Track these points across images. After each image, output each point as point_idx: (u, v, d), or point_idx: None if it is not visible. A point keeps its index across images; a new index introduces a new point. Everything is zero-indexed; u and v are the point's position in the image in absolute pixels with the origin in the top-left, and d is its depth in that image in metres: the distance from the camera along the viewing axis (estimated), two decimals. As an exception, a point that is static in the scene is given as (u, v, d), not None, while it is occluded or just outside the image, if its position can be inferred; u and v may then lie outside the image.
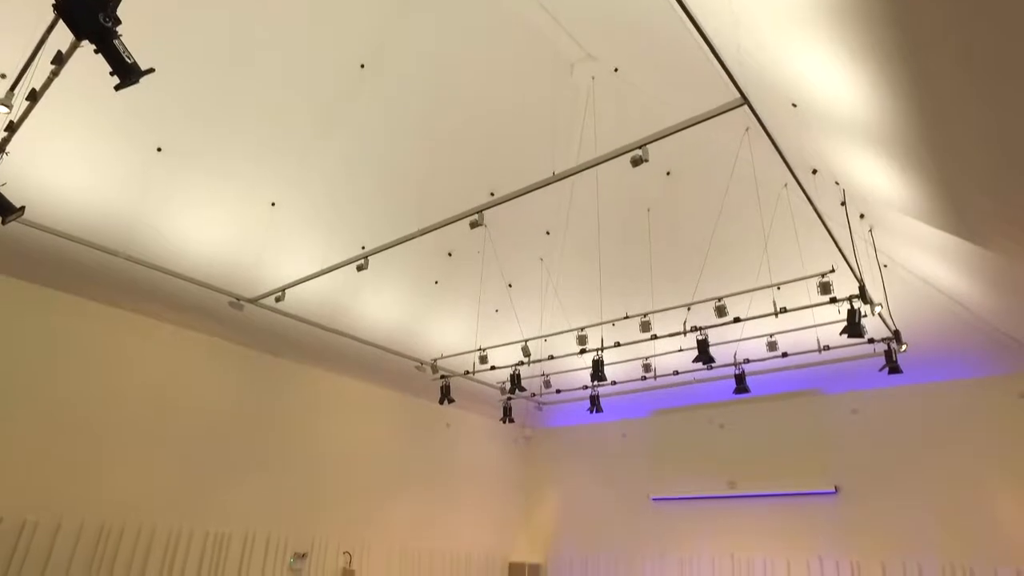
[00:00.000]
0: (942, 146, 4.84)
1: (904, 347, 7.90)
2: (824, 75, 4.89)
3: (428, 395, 11.39)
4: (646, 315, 8.84)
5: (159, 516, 8.58)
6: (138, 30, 4.30)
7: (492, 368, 9.88)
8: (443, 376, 10.33)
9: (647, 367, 10.14)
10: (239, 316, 9.04)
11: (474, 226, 6.79)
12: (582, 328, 9.37)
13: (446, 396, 10.28)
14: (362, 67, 7.80)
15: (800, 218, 8.19)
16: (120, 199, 7.67)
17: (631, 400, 12.90)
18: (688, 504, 12.52)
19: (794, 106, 5.87)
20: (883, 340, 8.02)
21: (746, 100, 5.16)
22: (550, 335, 10.38)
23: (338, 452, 11.12)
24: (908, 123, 4.66)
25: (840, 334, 7.35)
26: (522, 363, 9.77)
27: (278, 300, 8.56)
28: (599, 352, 9.14)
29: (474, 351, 9.95)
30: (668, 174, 9.33)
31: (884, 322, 7.85)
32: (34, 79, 4.22)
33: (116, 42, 3.64)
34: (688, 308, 8.89)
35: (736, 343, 9.34)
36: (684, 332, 8.65)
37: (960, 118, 4.34)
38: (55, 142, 6.87)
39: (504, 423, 11.14)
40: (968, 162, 4.96)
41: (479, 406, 13.60)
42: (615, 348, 9.39)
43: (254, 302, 8.86)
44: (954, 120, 4.42)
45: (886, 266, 8.63)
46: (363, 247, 8.25)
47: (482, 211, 6.76)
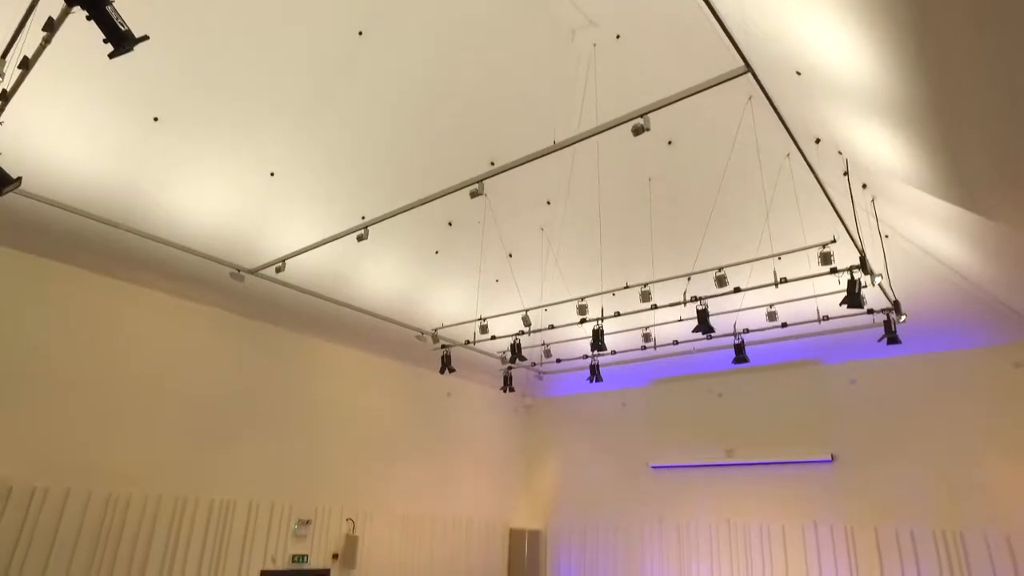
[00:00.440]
0: (949, 111, 4.76)
1: (903, 318, 7.91)
2: (830, 42, 4.80)
3: (429, 365, 11.45)
4: (646, 285, 8.84)
5: (165, 485, 8.71)
6: (131, -4, 4.21)
7: (492, 338, 9.92)
8: (444, 346, 10.37)
9: (647, 337, 10.17)
10: (241, 287, 9.06)
11: (474, 195, 6.74)
12: (582, 298, 9.38)
13: (447, 366, 10.34)
14: (360, 34, 7.66)
15: (802, 188, 8.14)
16: (118, 169, 7.60)
17: (631, 369, 12.99)
18: (686, 472, 12.70)
19: (798, 74, 5.79)
20: (883, 311, 8.03)
21: (750, 68, 5.07)
22: (550, 305, 10.39)
23: (340, 421, 11.24)
24: (915, 89, 4.59)
25: (840, 304, 7.33)
26: (522, 333, 9.81)
27: (278, 271, 8.57)
28: (599, 322, 9.16)
29: (475, 321, 9.98)
30: (670, 143, 9.24)
31: (884, 293, 7.85)
32: (26, 47, 4.14)
33: (109, 8, 3.57)
34: (688, 278, 8.89)
35: (736, 313, 9.36)
36: (684, 302, 8.66)
37: (970, 80, 4.26)
38: (51, 112, 6.79)
39: (504, 392, 11.20)
40: (976, 125, 4.88)
41: (480, 375, 13.69)
42: (615, 318, 9.40)
43: (255, 273, 8.86)
44: (964, 83, 4.34)
45: (887, 236, 8.60)
46: (363, 217, 8.21)
47: (482, 180, 6.71)
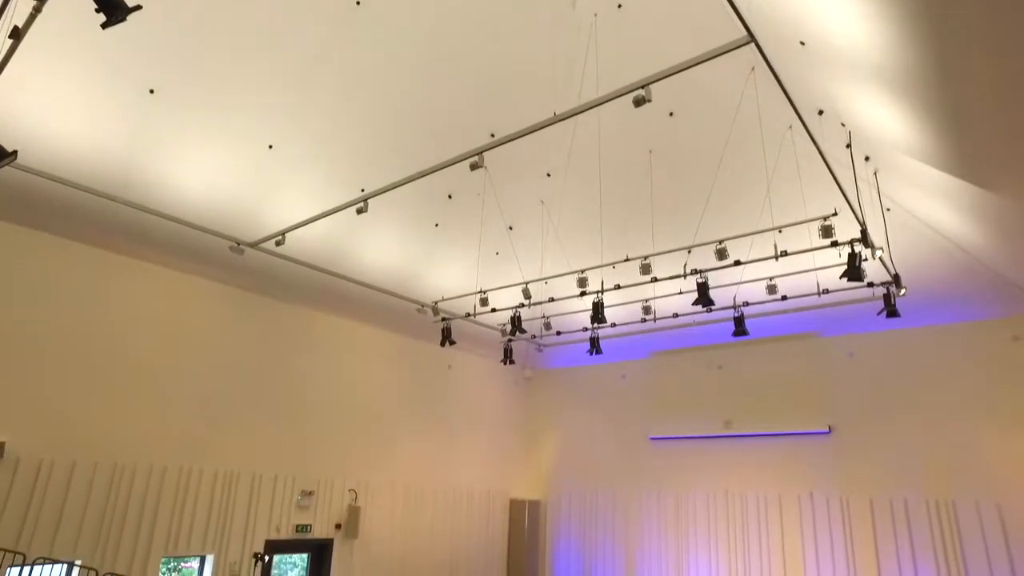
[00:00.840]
0: (956, 78, 4.68)
1: (903, 291, 7.91)
2: (834, 8, 4.73)
3: (429, 337, 11.49)
4: (646, 258, 8.83)
5: (169, 456, 8.81)
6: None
7: (493, 310, 9.93)
8: (444, 318, 10.39)
9: (647, 309, 10.18)
10: (241, 260, 9.05)
11: (474, 168, 6.68)
12: (583, 270, 9.37)
13: (447, 338, 10.36)
14: (358, 4, 7.54)
15: (804, 160, 8.08)
16: (115, 143, 7.54)
17: (631, 342, 13.04)
18: (685, 443, 12.82)
19: (802, 44, 5.71)
20: (882, 284, 8.02)
21: (753, 38, 4.99)
22: (551, 277, 10.38)
23: (342, 394, 11.32)
24: (920, 56, 4.51)
25: (840, 278, 7.31)
26: (523, 305, 9.82)
27: (278, 244, 8.55)
28: (599, 294, 9.16)
29: (475, 293, 9.98)
30: (671, 115, 9.15)
31: (884, 266, 7.83)
32: (16, 16, 4.06)
33: (100, -23, 3.51)
34: (688, 251, 8.87)
35: (736, 286, 9.36)
36: (684, 275, 8.65)
37: (977, 47, 4.19)
38: (45, 84, 6.71)
39: (505, 364, 11.25)
40: (982, 95, 4.80)
41: (480, 348, 13.76)
42: (615, 291, 9.40)
43: (254, 246, 8.85)
44: (970, 50, 4.26)
45: (889, 210, 8.55)
46: (363, 190, 8.17)
47: (482, 152, 6.66)
